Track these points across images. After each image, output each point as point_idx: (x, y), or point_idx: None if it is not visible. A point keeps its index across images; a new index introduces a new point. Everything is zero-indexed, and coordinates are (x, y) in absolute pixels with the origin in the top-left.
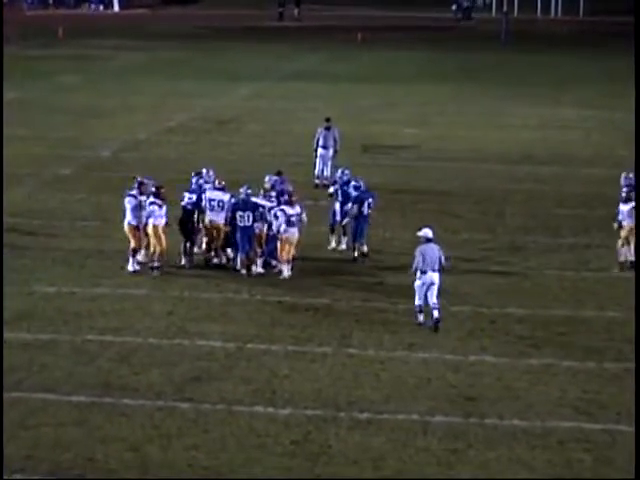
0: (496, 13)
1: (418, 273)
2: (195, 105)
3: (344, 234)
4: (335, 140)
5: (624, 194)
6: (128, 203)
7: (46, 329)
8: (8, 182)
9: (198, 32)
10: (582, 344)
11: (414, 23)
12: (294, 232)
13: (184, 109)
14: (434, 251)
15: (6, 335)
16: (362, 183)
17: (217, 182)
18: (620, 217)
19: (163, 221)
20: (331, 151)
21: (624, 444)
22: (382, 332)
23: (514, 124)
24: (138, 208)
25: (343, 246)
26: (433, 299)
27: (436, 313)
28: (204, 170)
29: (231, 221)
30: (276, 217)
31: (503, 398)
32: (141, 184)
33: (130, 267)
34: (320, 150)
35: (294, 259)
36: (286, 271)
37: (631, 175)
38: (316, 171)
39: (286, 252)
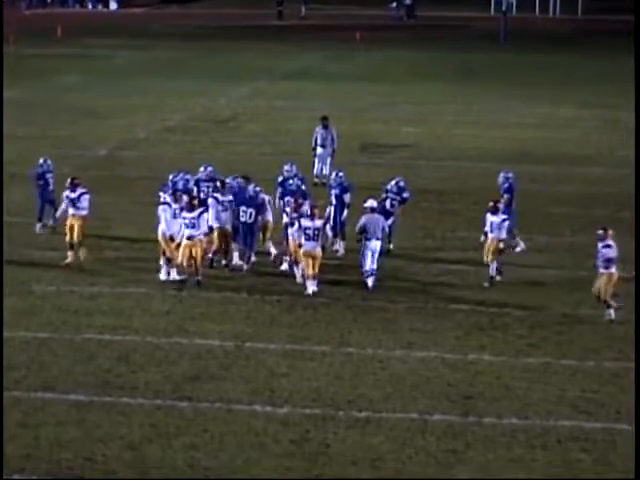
0: (495, 12)
1: (364, 241)
2: (194, 104)
3: (343, 238)
4: (332, 139)
5: (502, 198)
6: (162, 212)
7: (45, 328)
8: (7, 181)
9: (197, 31)
10: (581, 343)
11: (413, 22)
12: (314, 246)
13: (183, 108)
14: (378, 221)
15: (5, 334)
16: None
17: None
18: (487, 228)
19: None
20: (329, 150)
21: (624, 443)
22: (381, 331)
23: (512, 123)
24: (173, 217)
25: (339, 249)
26: (374, 265)
27: (371, 280)
28: (202, 167)
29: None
30: (292, 225)
31: (502, 397)
32: (175, 192)
33: (163, 276)
34: (318, 149)
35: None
36: (310, 286)
37: (510, 174)
38: (315, 170)
39: (310, 267)
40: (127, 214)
